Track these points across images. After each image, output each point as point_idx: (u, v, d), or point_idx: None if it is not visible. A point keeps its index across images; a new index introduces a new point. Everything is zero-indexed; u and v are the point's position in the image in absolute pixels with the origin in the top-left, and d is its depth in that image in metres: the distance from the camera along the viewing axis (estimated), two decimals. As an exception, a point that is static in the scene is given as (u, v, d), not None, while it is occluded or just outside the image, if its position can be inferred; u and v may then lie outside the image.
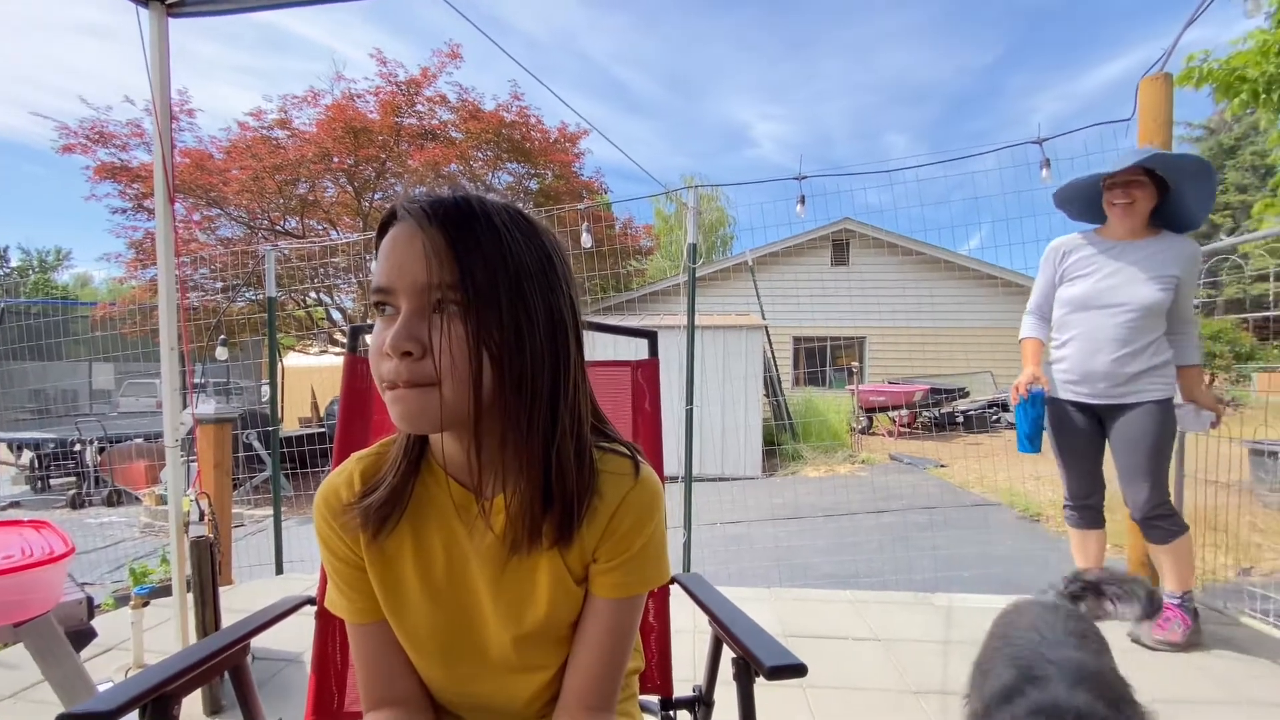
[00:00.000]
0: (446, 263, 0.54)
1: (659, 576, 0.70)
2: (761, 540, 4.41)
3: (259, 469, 6.93)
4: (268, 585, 3.06)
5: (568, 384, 0.61)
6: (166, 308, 1.98)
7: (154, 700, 0.68)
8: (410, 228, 0.56)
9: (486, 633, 0.69)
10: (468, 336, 0.55)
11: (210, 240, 8.82)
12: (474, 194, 0.58)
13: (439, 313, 0.56)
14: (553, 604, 0.67)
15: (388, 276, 0.56)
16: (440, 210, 0.56)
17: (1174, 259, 2.01)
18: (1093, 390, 2.10)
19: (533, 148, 9.48)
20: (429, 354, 0.55)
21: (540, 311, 0.58)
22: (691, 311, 3.13)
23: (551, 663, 0.71)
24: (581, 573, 0.69)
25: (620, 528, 0.66)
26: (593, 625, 0.68)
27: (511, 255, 0.56)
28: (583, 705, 0.67)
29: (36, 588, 1.22)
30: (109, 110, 8.26)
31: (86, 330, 7.75)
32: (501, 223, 0.57)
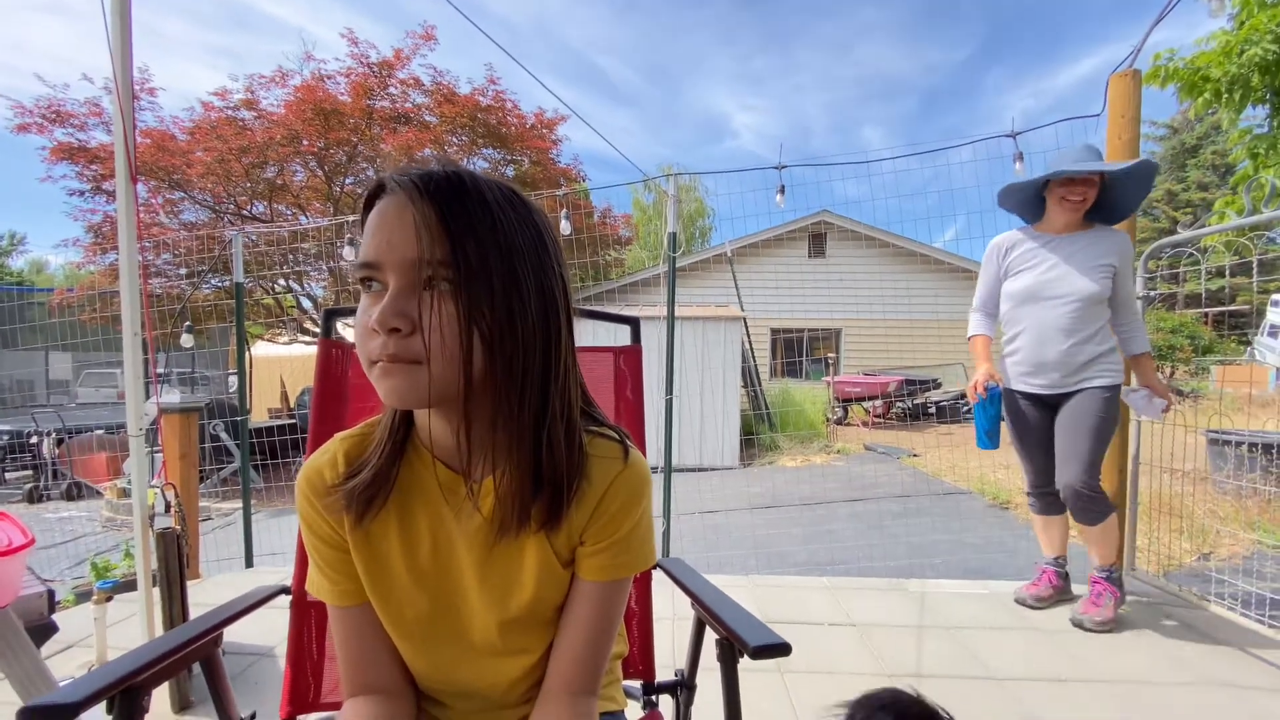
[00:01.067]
0: (438, 238, 0.53)
1: (645, 560, 0.70)
2: (739, 529, 4.45)
3: (226, 461, 6.77)
4: (236, 579, 2.99)
5: (558, 366, 0.60)
6: (129, 292, 1.90)
7: (122, 692, 0.66)
8: (400, 201, 0.54)
9: (471, 616, 0.68)
10: (458, 314, 0.53)
11: (174, 224, 8.54)
12: (465, 170, 0.56)
13: (429, 289, 0.54)
14: (539, 586, 0.67)
15: (376, 251, 0.54)
16: (432, 184, 0.54)
17: (1109, 249, 2.12)
18: (1047, 381, 2.19)
19: (509, 133, 9.35)
20: (418, 331, 0.54)
21: (532, 291, 0.57)
22: (671, 301, 3.13)
23: (536, 646, 0.70)
24: (568, 555, 0.68)
25: (608, 511, 0.66)
26: (579, 608, 0.68)
27: (504, 233, 0.55)
28: (567, 689, 0.67)
29: (-7, 581, 1.17)
30: (66, 89, 7.95)
31: (43, 317, 7.46)
32: (494, 199, 0.55)
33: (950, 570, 3.30)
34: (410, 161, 0.58)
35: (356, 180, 8.99)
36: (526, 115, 9.58)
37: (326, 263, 7.66)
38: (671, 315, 3.13)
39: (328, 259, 7.30)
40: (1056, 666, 1.93)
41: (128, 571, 2.89)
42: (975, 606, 2.42)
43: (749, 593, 2.59)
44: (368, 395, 1.09)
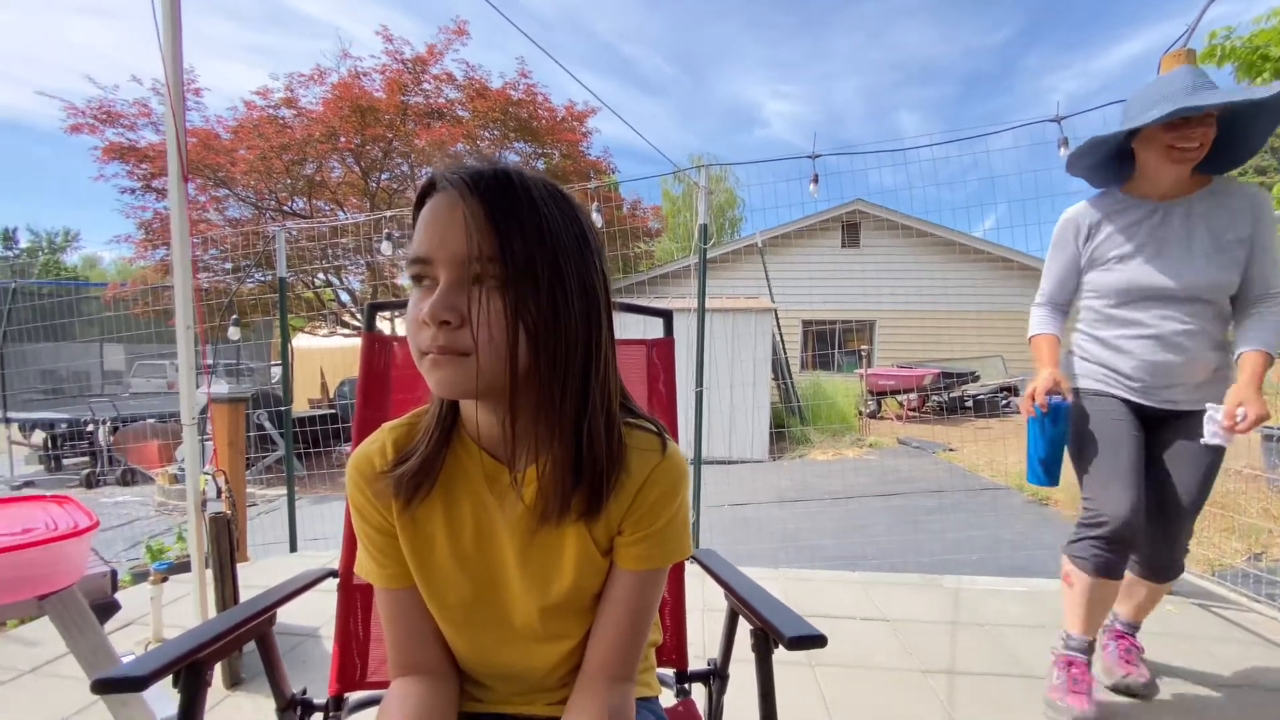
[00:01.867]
0: (486, 235, 0.55)
1: (681, 551, 0.71)
2: (769, 522, 4.43)
3: (270, 449, 7.01)
4: (282, 563, 3.11)
5: (599, 360, 0.62)
6: (181, 288, 1.98)
7: (188, 666, 0.70)
8: (451, 199, 0.56)
9: (512, 601, 0.70)
10: (505, 309, 0.56)
11: (219, 220, 8.83)
12: (514, 167, 0.58)
13: (477, 284, 0.56)
14: (578, 574, 0.69)
15: (427, 247, 0.57)
16: (481, 183, 0.56)
17: (1241, 213, 1.53)
18: (1164, 399, 1.60)
19: (540, 126, 9.39)
20: (466, 324, 0.56)
21: (575, 287, 0.58)
22: (702, 293, 3.12)
23: (575, 632, 0.72)
24: (607, 544, 0.70)
25: (646, 502, 0.67)
26: (616, 596, 0.69)
27: (549, 230, 0.57)
28: (605, 674, 0.68)
29: (61, 561, 1.24)
30: (116, 90, 8.24)
31: (97, 311, 7.83)
32: (539, 197, 0.57)
33: (987, 567, 3.24)
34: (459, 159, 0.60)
35: (392, 176, 9.15)
36: (557, 108, 9.61)
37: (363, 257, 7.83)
38: (702, 307, 3.13)
39: (365, 254, 7.46)
40: (1097, 667, 1.89)
41: (180, 554, 3.03)
42: (1013, 604, 2.37)
43: (779, 586, 2.58)
44: (409, 386, 1.12)
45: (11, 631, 2.34)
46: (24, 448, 8.21)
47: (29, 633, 2.30)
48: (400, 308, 1.47)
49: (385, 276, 8.85)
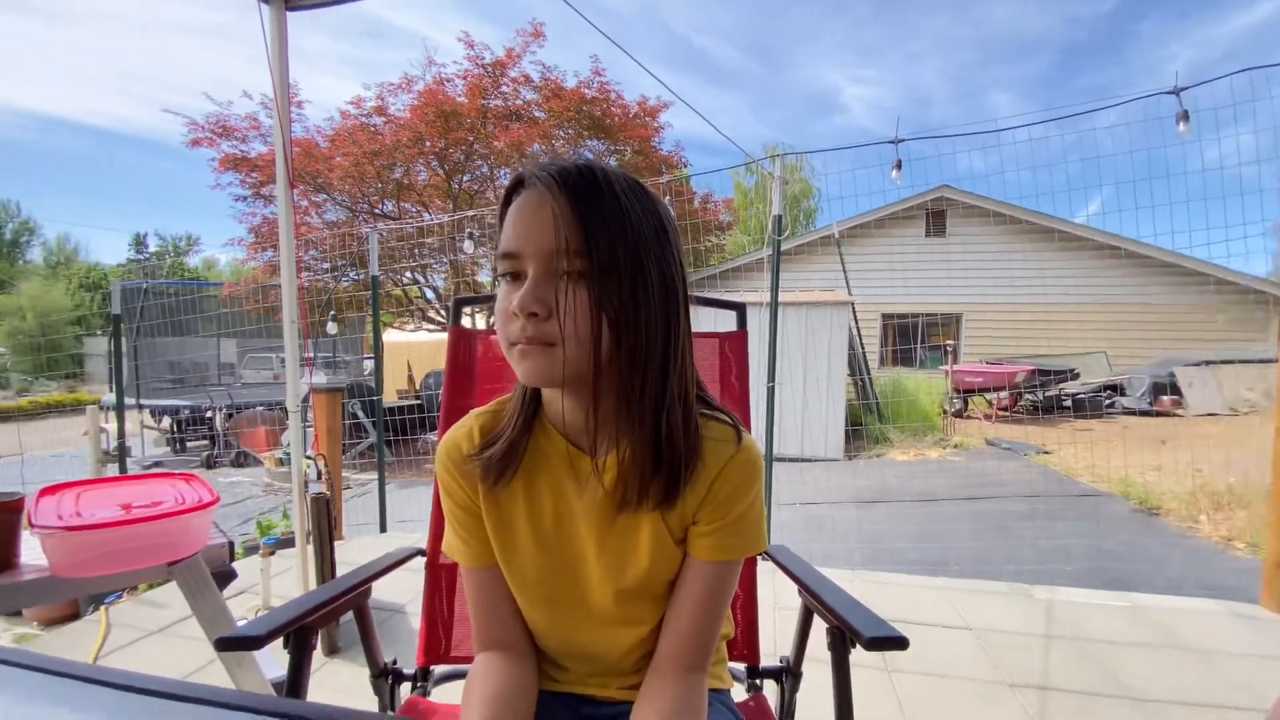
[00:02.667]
0: (573, 230, 0.57)
1: (756, 544, 0.71)
2: (843, 523, 4.31)
3: (361, 437, 7.48)
4: (373, 542, 3.32)
5: (678, 351, 0.63)
6: (288, 287, 2.15)
7: (296, 630, 0.77)
8: (539, 195, 0.59)
9: (589, 584, 0.73)
10: (589, 302, 0.58)
11: (318, 224, 9.48)
12: (597, 163, 0.60)
13: (564, 277, 0.58)
14: (653, 561, 0.70)
15: (516, 241, 0.60)
16: (568, 179, 0.58)
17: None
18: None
19: (613, 123, 9.48)
20: (553, 315, 0.58)
21: (655, 279, 0.60)
22: (775, 286, 3.07)
23: (649, 618, 0.74)
24: (681, 534, 0.71)
25: (721, 493, 0.68)
26: (689, 586, 0.70)
27: (631, 224, 0.58)
28: (677, 663, 0.70)
29: (188, 531, 1.38)
30: (230, 105, 8.98)
31: (215, 308, 8.62)
32: (622, 191, 0.59)
33: (1085, 579, 3.01)
34: (537, 159, 0.63)
35: (473, 177, 9.50)
36: (629, 104, 9.67)
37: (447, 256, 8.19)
38: (775, 300, 3.07)
39: (448, 252, 7.80)
40: (1212, 691, 1.72)
41: (285, 531, 3.30)
42: (1114, 620, 2.20)
43: (854, 588, 2.51)
44: (493, 377, 1.17)
45: (142, 595, 2.63)
46: (153, 431, 9.17)
47: (157, 596, 2.58)
48: (484, 302, 1.54)
49: (467, 274, 9.22)
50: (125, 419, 4.92)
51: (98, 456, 4.96)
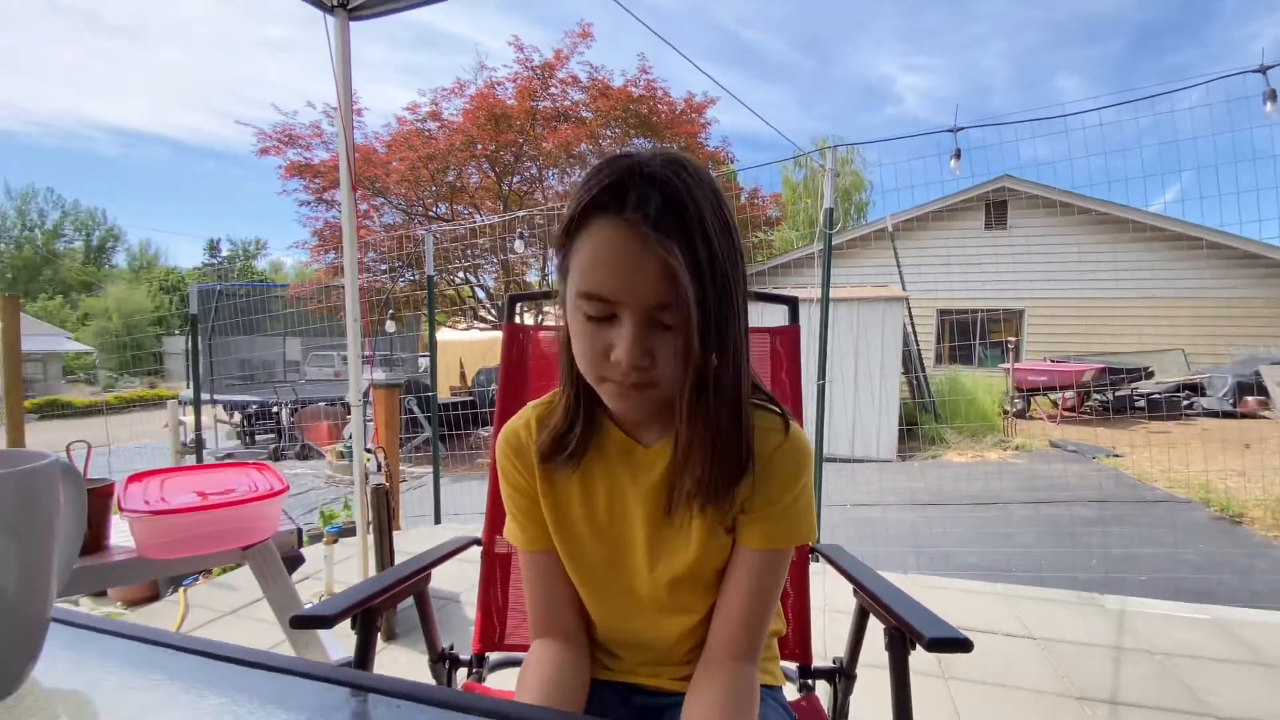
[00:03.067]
0: (680, 283, 0.56)
1: (805, 534, 0.71)
2: (897, 526, 4.19)
3: (416, 432, 7.74)
4: (428, 532, 3.44)
5: (739, 350, 0.63)
6: (351, 287, 2.24)
7: (364, 612, 0.81)
8: (637, 243, 0.56)
9: (640, 571, 0.74)
10: (691, 348, 0.58)
11: (376, 227, 9.84)
12: (681, 183, 0.57)
13: (665, 326, 0.59)
14: (703, 550, 0.71)
15: (611, 288, 0.58)
16: (666, 225, 0.56)
17: None
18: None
19: (659, 121, 9.48)
20: (656, 363, 0.60)
21: (737, 307, 0.61)
22: (826, 281, 3.01)
23: (699, 607, 0.74)
24: (730, 522, 0.71)
25: (768, 482, 0.68)
26: (738, 574, 0.71)
27: (719, 259, 0.58)
28: (728, 653, 0.70)
29: (260, 518, 1.46)
30: (295, 115, 9.42)
31: (281, 309, 9.08)
32: (711, 219, 0.58)
33: (1159, 589, 2.84)
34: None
35: (522, 179, 9.67)
36: (676, 101, 9.65)
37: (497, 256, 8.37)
38: (826, 296, 3.02)
39: (499, 253, 7.97)
40: (1308, 714, 1.60)
41: (346, 520, 3.44)
42: (1191, 633, 2.07)
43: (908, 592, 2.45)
44: (546, 373, 1.20)
45: (217, 579, 2.80)
46: (225, 425, 9.71)
47: (230, 580, 2.74)
48: (538, 299, 1.56)
49: (516, 273, 9.40)
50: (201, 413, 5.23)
51: (177, 448, 5.29)
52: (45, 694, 0.42)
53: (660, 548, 0.72)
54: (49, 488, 0.43)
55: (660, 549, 0.72)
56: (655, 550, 0.73)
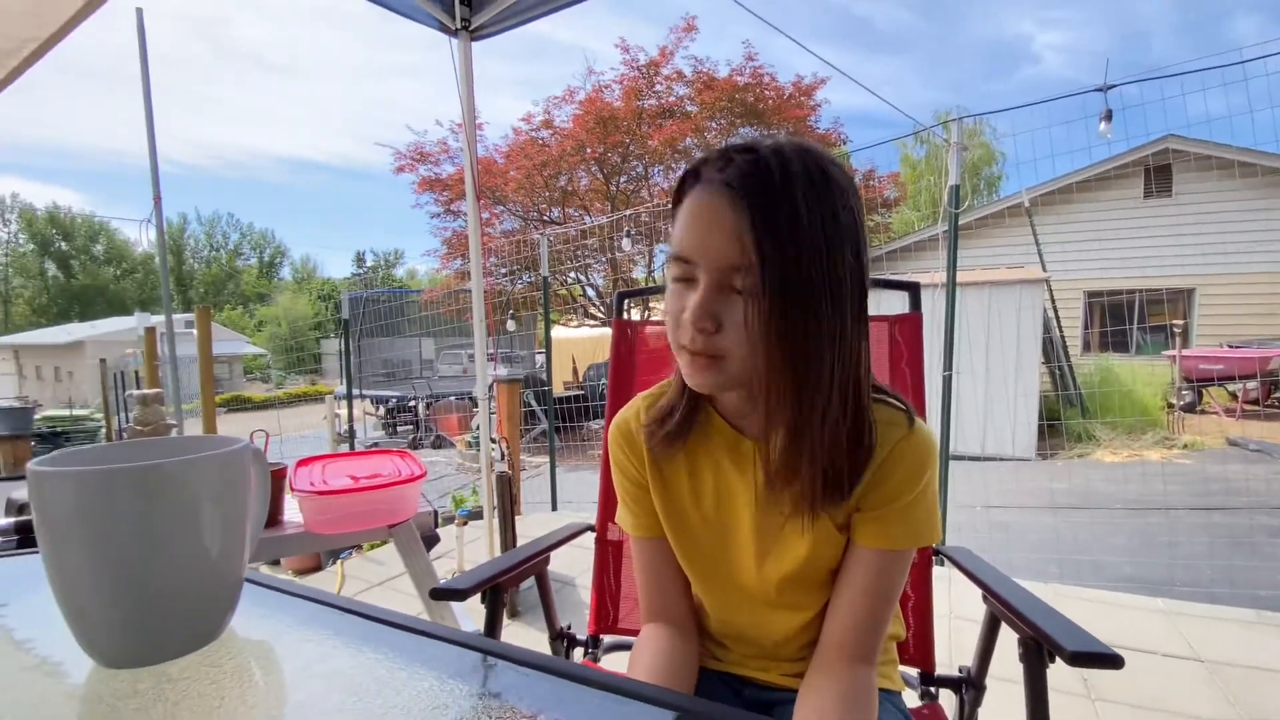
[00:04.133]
0: (748, 245, 0.55)
1: (928, 535, 0.67)
2: (1035, 530, 3.82)
3: (534, 424, 8.16)
4: (545, 518, 3.62)
5: (848, 341, 0.60)
6: (477, 291, 2.42)
7: (492, 587, 0.88)
8: (714, 198, 0.57)
9: (746, 565, 0.73)
10: (760, 318, 0.56)
11: (496, 233, 10.47)
12: (777, 152, 0.57)
13: (737, 292, 0.57)
14: (813, 548, 0.69)
15: (689, 248, 0.58)
16: (746, 181, 0.55)
17: None
18: None
19: (766, 108, 9.27)
20: (724, 329, 0.58)
21: (827, 282, 0.56)
22: (952, 264, 2.80)
23: (811, 604, 0.73)
24: (844, 519, 0.68)
25: (888, 479, 0.65)
26: (854, 573, 0.68)
27: (806, 233, 0.55)
28: (842, 653, 0.67)
29: (404, 500, 1.61)
30: (425, 134, 10.25)
31: (416, 312, 9.95)
32: (803, 188, 0.55)
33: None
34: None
35: (629, 178, 9.86)
36: (784, 86, 9.38)
37: (606, 255, 8.61)
38: (952, 280, 2.81)
39: (607, 252, 8.19)
40: None
41: (475, 505, 3.72)
42: None
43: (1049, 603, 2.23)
44: (654, 367, 1.23)
45: (367, 553, 3.13)
46: (371, 417, 10.81)
47: (378, 555, 3.06)
48: (646, 294, 1.60)
49: (623, 271, 9.61)
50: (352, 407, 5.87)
51: (334, 437, 5.98)
52: (240, 641, 0.50)
53: (768, 544, 0.71)
54: (244, 467, 0.51)
55: (769, 545, 0.71)
56: (763, 546, 0.71)
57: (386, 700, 0.41)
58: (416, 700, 0.41)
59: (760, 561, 0.72)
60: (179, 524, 0.45)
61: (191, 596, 0.47)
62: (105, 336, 18.88)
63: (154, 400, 1.47)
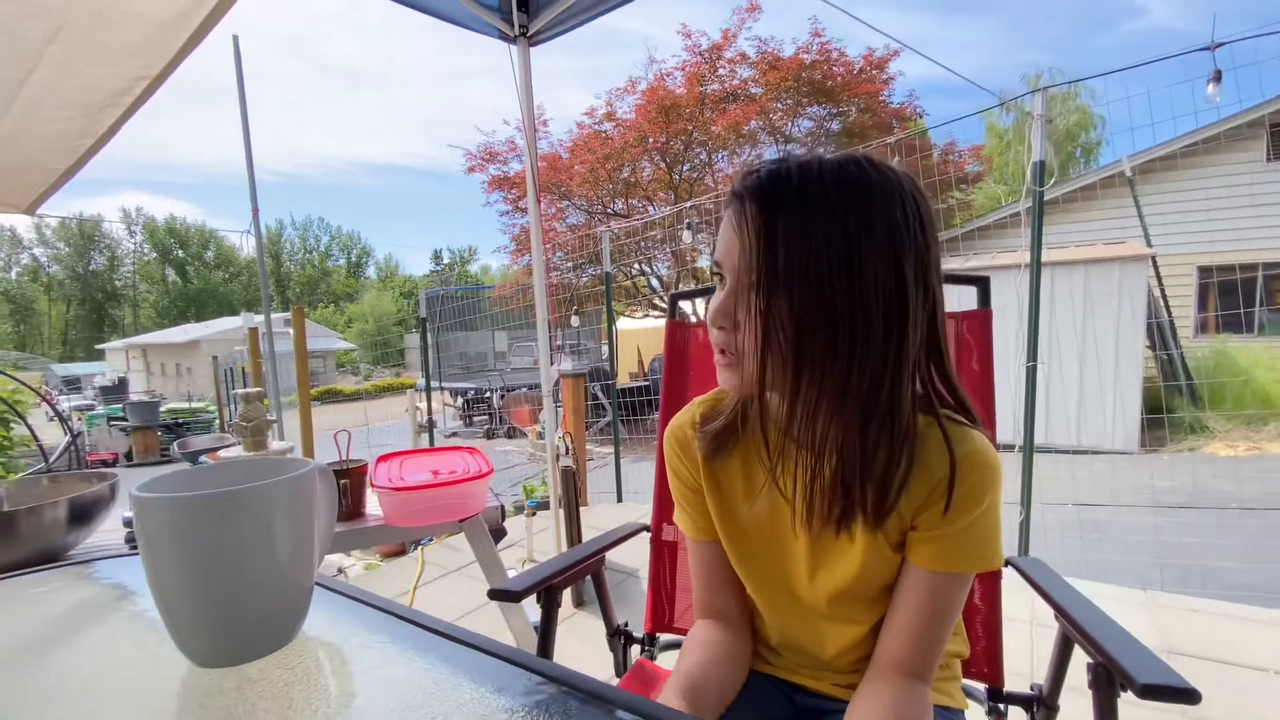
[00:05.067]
0: (754, 250, 0.58)
1: (986, 560, 0.65)
2: (1134, 530, 3.53)
3: (601, 415, 8.30)
4: (611, 509, 3.70)
5: (892, 354, 0.58)
6: (539, 292, 2.49)
7: (546, 589, 0.92)
8: (733, 210, 0.61)
9: (798, 576, 0.73)
10: (761, 320, 0.58)
11: (562, 229, 10.66)
12: (800, 165, 0.58)
13: (752, 291, 0.59)
14: (865, 566, 0.68)
15: (719, 253, 0.63)
16: (755, 194, 0.59)
17: None
18: None
19: (835, 85, 8.92)
20: (737, 330, 0.61)
21: (848, 291, 0.56)
22: (1037, 244, 2.62)
23: (865, 619, 0.72)
24: (898, 539, 0.67)
25: (944, 498, 0.63)
26: (908, 593, 0.67)
27: (820, 242, 0.55)
28: (898, 669, 0.66)
29: (473, 495, 1.69)
30: (493, 134, 10.53)
31: (489, 307, 10.32)
32: (817, 199, 0.56)
33: None
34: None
35: (691, 166, 9.77)
36: (854, 60, 9.00)
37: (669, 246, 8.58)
38: (1036, 261, 2.63)
39: (670, 243, 8.17)
40: None
41: (544, 495, 3.84)
42: None
43: (1145, 613, 2.07)
44: (707, 366, 1.23)
45: (445, 540, 3.30)
46: (450, 408, 11.33)
47: (455, 541, 3.22)
48: (698, 295, 1.61)
49: (687, 262, 9.56)
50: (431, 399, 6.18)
51: (415, 427, 6.32)
52: (311, 643, 0.55)
53: (820, 556, 0.71)
54: (312, 485, 0.56)
55: (820, 558, 0.71)
56: (815, 558, 0.71)
57: (431, 710, 0.44)
58: (459, 710, 0.44)
59: (812, 574, 0.72)
60: (255, 540, 0.51)
61: (267, 604, 0.52)
62: (217, 335, 20.67)
63: (255, 398, 1.61)
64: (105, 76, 1.62)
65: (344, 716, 0.46)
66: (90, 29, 1.41)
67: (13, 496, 1.17)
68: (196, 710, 0.47)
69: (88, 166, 2.18)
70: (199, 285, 44.15)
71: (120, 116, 1.84)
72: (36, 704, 0.46)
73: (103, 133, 1.92)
